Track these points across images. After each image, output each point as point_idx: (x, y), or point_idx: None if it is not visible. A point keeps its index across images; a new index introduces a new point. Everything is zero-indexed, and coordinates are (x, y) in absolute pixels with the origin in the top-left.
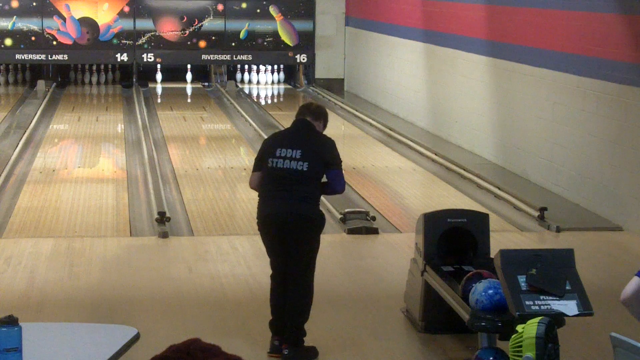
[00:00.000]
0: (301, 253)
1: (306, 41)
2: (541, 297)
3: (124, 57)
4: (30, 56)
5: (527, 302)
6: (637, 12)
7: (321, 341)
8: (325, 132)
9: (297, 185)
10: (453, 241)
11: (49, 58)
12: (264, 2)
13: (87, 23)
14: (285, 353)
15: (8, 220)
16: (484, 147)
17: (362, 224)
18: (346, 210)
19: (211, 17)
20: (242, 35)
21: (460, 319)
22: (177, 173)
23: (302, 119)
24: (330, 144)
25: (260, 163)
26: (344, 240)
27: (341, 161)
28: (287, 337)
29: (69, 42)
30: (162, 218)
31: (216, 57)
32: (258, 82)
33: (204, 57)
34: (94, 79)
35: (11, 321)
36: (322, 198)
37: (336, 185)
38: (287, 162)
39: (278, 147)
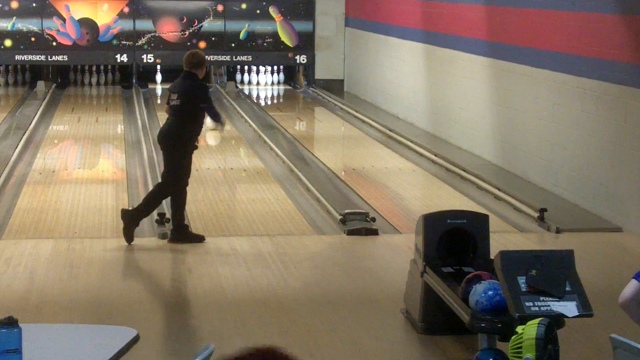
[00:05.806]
0: None
1: (306, 42)
2: (541, 298)
3: (124, 58)
4: (30, 57)
5: (527, 303)
6: (637, 12)
7: (321, 341)
8: (324, 133)
9: None
10: (453, 242)
11: (49, 59)
12: (264, 3)
13: (87, 24)
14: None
15: (8, 221)
16: (483, 148)
17: (362, 225)
18: (346, 211)
19: (211, 18)
20: (241, 36)
21: (460, 320)
22: None
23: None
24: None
25: None
26: (344, 242)
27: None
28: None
29: (69, 43)
30: (162, 219)
31: (216, 57)
32: (258, 83)
33: None
34: (94, 80)
35: (11, 322)
36: (322, 200)
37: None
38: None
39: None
